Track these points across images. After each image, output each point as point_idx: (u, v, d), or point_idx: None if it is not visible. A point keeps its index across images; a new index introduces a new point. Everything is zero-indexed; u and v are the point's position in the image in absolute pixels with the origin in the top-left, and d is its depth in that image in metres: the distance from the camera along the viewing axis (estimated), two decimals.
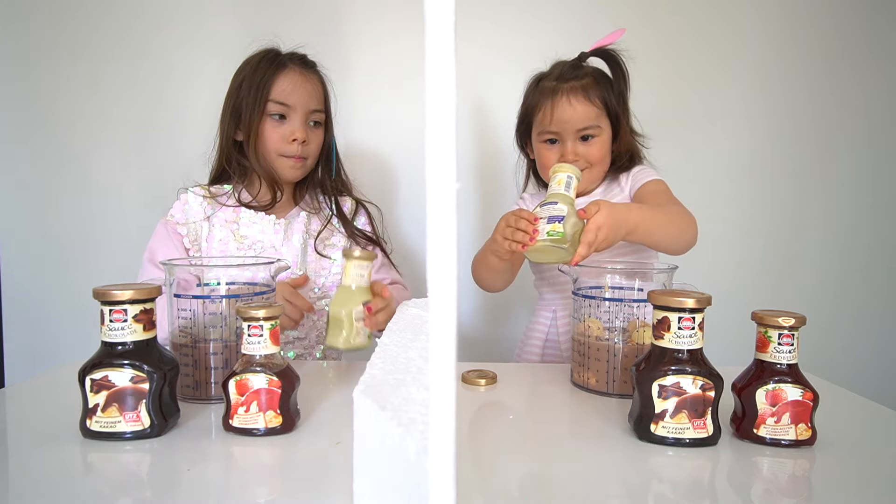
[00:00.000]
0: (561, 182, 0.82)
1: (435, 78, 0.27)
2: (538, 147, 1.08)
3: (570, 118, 1.02)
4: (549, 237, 0.78)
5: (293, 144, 1.04)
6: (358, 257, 0.78)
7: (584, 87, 1.02)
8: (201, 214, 1.05)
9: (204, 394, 0.73)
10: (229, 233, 1.05)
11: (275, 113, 1.04)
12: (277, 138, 1.04)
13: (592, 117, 1.02)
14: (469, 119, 1.55)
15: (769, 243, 1.61)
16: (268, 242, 1.06)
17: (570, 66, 1.05)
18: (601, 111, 1.03)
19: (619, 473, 0.56)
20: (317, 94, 1.07)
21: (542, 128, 1.05)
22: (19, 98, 1.54)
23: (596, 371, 0.80)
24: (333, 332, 0.78)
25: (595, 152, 1.04)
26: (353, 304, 0.77)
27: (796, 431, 0.62)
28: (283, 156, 1.05)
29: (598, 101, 1.02)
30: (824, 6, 1.55)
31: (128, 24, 1.51)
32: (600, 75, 1.05)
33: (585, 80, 1.03)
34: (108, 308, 0.60)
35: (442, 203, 0.28)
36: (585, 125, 1.02)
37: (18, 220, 1.57)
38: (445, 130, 0.27)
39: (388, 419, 0.38)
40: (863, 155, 1.60)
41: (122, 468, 0.56)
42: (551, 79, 1.05)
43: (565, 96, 1.02)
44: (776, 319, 0.61)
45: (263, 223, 1.06)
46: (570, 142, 1.03)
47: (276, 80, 1.03)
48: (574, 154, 1.03)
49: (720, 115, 1.57)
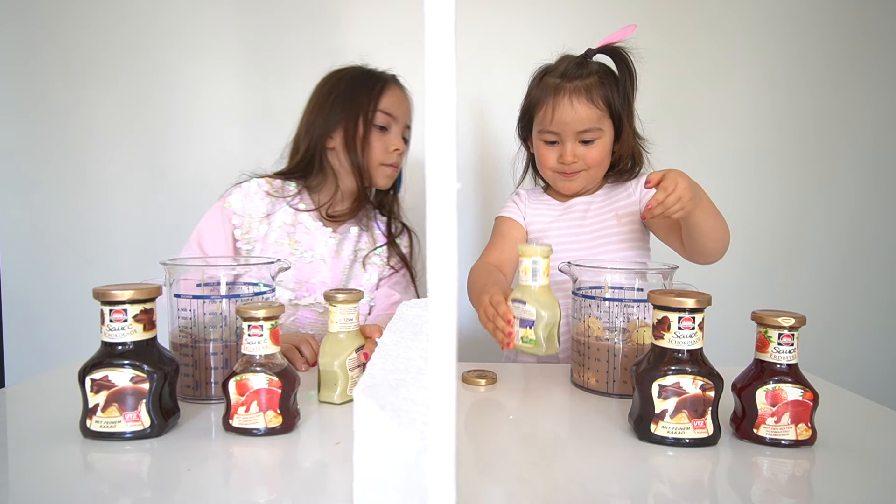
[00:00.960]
0: (527, 270, 0.76)
1: (435, 78, 0.27)
2: (538, 144, 1.07)
3: (571, 120, 1.00)
4: (524, 343, 0.76)
5: (393, 154, 1.09)
6: (343, 300, 0.73)
7: (588, 87, 1.00)
8: (262, 210, 1.07)
9: (204, 394, 0.73)
10: (285, 235, 1.08)
11: (381, 124, 1.08)
12: (381, 147, 1.08)
13: (594, 119, 1.00)
14: (469, 119, 1.55)
15: (770, 243, 1.61)
16: (319, 254, 1.09)
17: (575, 64, 1.02)
18: (603, 113, 1.01)
19: (619, 473, 0.56)
20: (409, 110, 1.13)
21: (542, 126, 1.04)
22: (19, 98, 1.54)
23: (596, 371, 0.80)
24: (327, 386, 0.73)
25: (595, 155, 1.02)
26: (345, 354, 0.72)
27: (796, 431, 0.62)
28: (383, 164, 1.09)
29: (601, 102, 1.00)
30: (829, 5, 1.55)
31: (128, 24, 1.51)
32: (606, 74, 1.03)
33: (590, 79, 1.00)
34: (108, 308, 0.60)
35: (442, 203, 0.28)
36: (586, 127, 1.00)
37: (18, 220, 1.57)
38: (445, 130, 0.27)
39: (388, 419, 0.38)
40: (865, 155, 1.60)
41: (122, 468, 0.56)
42: (556, 75, 1.02)
43: (567, 97, 1.00)
44: (776, 319, 0.61)
45: (319, 233, 1.10)
46: (569, 143, 1.02)
47: (385, 94, 1.09)
48: (573, 156, 1.02)
49: (721, 114, 1.57)
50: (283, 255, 1.04)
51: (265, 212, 1.07)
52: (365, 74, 1.11)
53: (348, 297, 0.73)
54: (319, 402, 0.73)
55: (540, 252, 0.75)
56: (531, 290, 0.76)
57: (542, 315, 0.74)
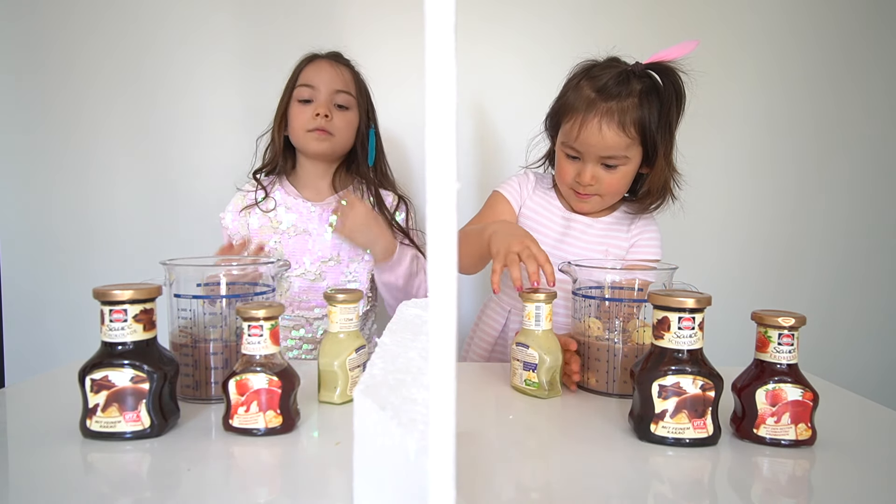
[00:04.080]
0: (531, 315, 0.77)
1: (435, 78, 0.27)
2: (559, 154, 1.01)
3: (597, 144, 0.93)
4: (527, 385, 0.77)
5: (317, 118, 1.09)
6: (343, 301, 0.72)
7: (623, 110, 0.91)
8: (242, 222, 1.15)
9: (204, 394, 0.73)
10: (266, 220, 1.14)
11: (302, 98, 1.11)
12: (304, 118, 1.11)
13: (621, 147, 0.93)
14: (469, 119, 1.55)
15: (769, 243, 1.61)
16: (301, 226, 1.14)
17: (616, 80, 0.92)
18: (633, 141, 0.93)
19: (619, 473, 0.56)
20: (342, 78, 1.13)
21: (566, 139, 0.97)
22: (19, 98, 1.54)
23: (596, 371, 0.80)
24: (326, 387, 0.73)
25: (613, 182, 0.96)
26: (345, 354, 0.72)
27: (796, 431, 0.62)
28: (308, 130, 1.11)
29: (632, 129, 0.92)
30: (826, 4, 1.55)
31: (127, 24, 1.51)
32: (648, 93, 0.93)
33: (628, 101, 0.91)
34: (108, 308, 0.60)
35: (442, 203, 0.28)
36: (611, 154, 0.94)
37: (18, 220, 1.57)
38: (445, 130, 0.27)
39: (388, 419, 0.38)
40: (863, 155, 1.60)
41: (122, 468, 0.56)
42: (593, 87, 0.94)
43: (598, 118, 0.91)
44: (776, 319, 0.61)
45: (300, 208, 1.15)
46: (590, 164, 0.96)
47: (304, 69, 1.13)
48: (592, 178, 0.96)
49: (721, 114, 1.57)
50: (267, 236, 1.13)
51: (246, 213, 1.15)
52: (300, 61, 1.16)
53: (348, 297, 0.73)
54: (319, 403, 0.73)
55: (543, 298, 0.76)
56: (535, 335, 0.77)
57: (544, 359, 0.75)
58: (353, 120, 1.14)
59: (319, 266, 1.13)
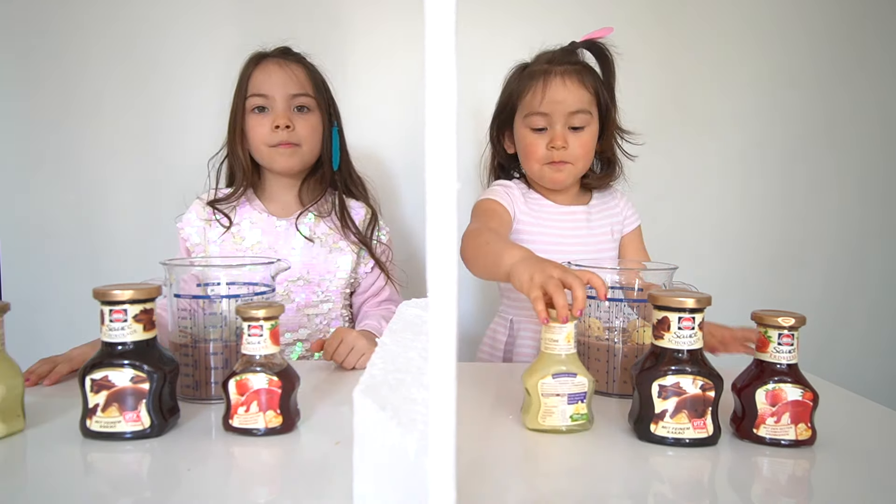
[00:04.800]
0: (570, 337, 0.65)
1: (435, 78, 0.27)
2: (523, 134, 1.01)
3: (564, 99, 0.96)
4: (574, 422, 0.65)
5: (278, 131, 1.02)
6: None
7: (577, 70, 0.98)
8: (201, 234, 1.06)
9: (204, 394, 0.73)
10: (229, 235, 1.05)
11: (256, 107, 1.04)
12: (263, 131, 1.03)
13: (585, 102, 0.97)
14: (469, 119, 1.55)
15: (769, 243, 1.61)
16: (266, 243, 1.05)
17: (561, 51, 1.02)
18: (593, 99, 0.99)
19: (619, 473, 0.56)
20: (297, 80, 1.04)
21: (530, 110, 0.98)
22: (19, 98, 1.53)
23: (596, 371, 0.80)
24: None
25: (583, 143, 0.99)
26: None
27: (796, 431, 0.62)
28: (271, 146, 1.03)
29: (590, 87, 0.98)
30: (815, 6, 1.55)
31: (127, 25, 1.51)
32: (591, 63, 1.02)
33: (578, 65, 1.00)
34: (109, 308, 0.60)
35: (442, 203, 0.28)
36: (578, 108, 0.97)
37: (18, 219, 1.57)
38: (446, 130, 0.27)
39: (388, 419, 0.38)
40: (862, 154, 1.60)
41: (122, 468, 0.56)
42: (541, 62, 1.00)
43: (559, 77, 0.97)
44: (776, 319, 0.61)
45: (264, 224, 1.06)
46: (559, 127, 0.97)
47: (253, 75, 1.04)
48: (563, 140, 0.97)
49: (720, 114, 1.57)
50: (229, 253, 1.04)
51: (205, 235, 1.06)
52: (246, 62, 1.07)
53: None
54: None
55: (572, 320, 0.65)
56: (575, 359, 0.66)
57: (591, 385, 0.66)
58: (316, 123, 1.06)
59: (287, 286, 1.04)
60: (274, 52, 1.07)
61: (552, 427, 0.65)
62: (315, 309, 1.06)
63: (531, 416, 0.65)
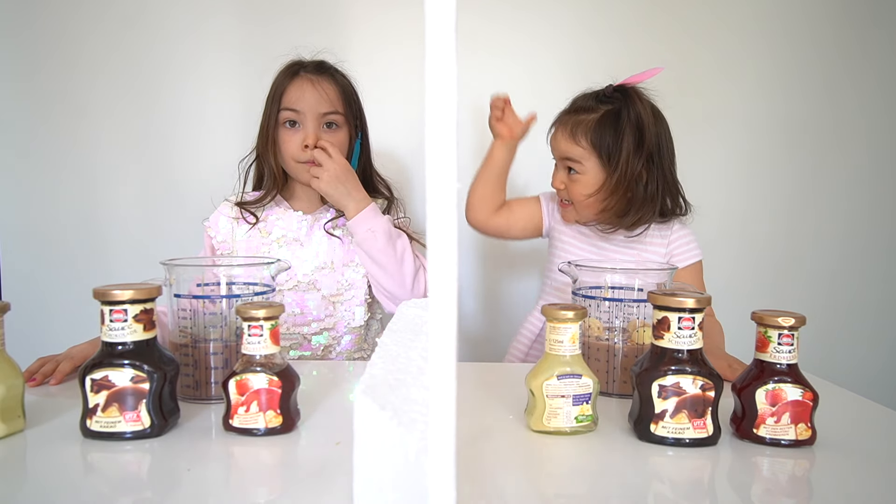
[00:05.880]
0: (575, 338, 0.64)
1: (435, 77, 0.27)
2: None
3: (555, 148, 1.06)
4: (579, 423, 0.64)
5: (307, 150, 1.06)
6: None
7: (577, 123, 1.01)
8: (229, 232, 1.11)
9: (204, 394, 0.73)
10: (256, 230, 1.11)
11: (288, 120, 1.08)
12: (293, 147, 1.07)
13: (575, 154, 1.02)
14: (469, 119, 1.55)
15: (769, 243, 1.61)
16: (291, 235, 1.11)
17: (584, 98, 1.05)
18: (586, 151, 1.01)
19: (619, 473, 0.56)
20: (328, 98, 1.08)
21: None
22: (20, 98, 1.53)
23: (596, 371, 0.79)
24: None
25: (577, 190, 1.03)
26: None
27: (796, 431, 0.62)
28: (299, 162, 1.08)
29: (583, 141, 1.00)
30: (822, 7, 1.55)
31: (129, 24, 1.51)
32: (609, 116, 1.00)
33: (587, 116, 1.01)
34: (109, 308, 0.60)
35: (442, 203, 0.28)
36: (566, 156, 1.03)
37: (18, 219, 1.57)
38: (446, 130, 0.27)
39: (388, 419, 0.38)
40: (861, 155, 1.60)
41: (122, 468, 0.56)
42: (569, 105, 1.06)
43: (557, 126, 1.05)
44: (776, 319, 0.61)
45: (289, 218, 1.12)
46: (560, 170, 1.06)
47: (287, 89, 1.08)
48: (560, 182, 1.05)
49: (720, 115, 1.57)
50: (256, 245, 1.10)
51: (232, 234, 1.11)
52: (280, 73, 1.11)
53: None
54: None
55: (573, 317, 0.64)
56: (580, 360, 0.65)
57: (596, 386, 0.65)
58: (343, 138, 1.11)
59: (312, 274, 1.09)
60: (309, 67, 1.11)
61: (557, 429, 0.64)
62: (339, 297, 1.10)
63: (536, 418, 0.64)
